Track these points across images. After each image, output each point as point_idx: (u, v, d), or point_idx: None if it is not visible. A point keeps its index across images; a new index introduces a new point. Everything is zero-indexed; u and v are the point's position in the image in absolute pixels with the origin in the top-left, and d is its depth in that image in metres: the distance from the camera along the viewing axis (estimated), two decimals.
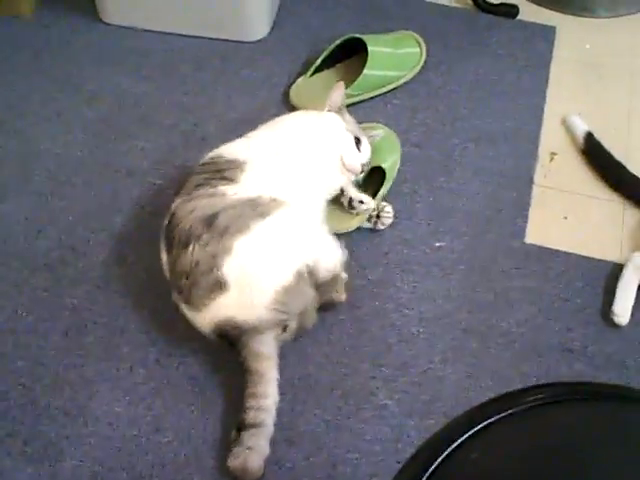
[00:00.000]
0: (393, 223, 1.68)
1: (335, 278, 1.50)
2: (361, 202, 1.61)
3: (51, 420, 1.43)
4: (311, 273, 1.43)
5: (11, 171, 1.79)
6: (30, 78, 1.97)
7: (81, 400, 1.46)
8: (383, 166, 1.68)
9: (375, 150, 1.69)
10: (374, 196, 1.65)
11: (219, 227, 1.39)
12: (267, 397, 1.37)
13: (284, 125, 1.63)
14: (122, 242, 1.66)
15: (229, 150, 1.54)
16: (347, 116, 1.66)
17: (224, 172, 1.48)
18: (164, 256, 1.45)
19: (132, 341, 1.53)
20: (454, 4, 2.14)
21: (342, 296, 1.53)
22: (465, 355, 1.52)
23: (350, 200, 1.61)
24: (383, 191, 1.68)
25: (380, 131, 1.75)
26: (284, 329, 1.43)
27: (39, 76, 1.97)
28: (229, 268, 1.37)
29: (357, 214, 1.63)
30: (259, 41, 2.03)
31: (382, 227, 1.67)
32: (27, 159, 1.80)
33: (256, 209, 1.42)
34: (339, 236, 1.56)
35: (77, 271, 1.62)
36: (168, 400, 1.46)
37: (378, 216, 1.66)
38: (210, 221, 1.40)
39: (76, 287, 1.60)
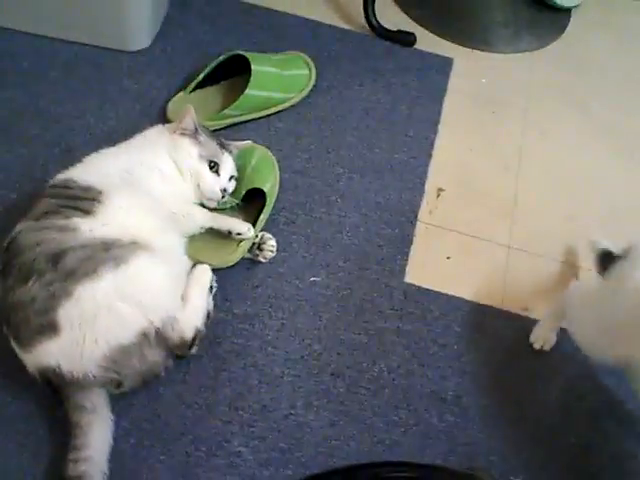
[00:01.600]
0: None
1: (185, 344, 1.35)
2: (238, 234, 1.50)
3: None
4: (160, 335, 1.30)
5: None
6: None
7: None
8: (264, 189, 1.58)
9: (253, 172, 1.59)
10: (254, 222, 1.55)
11: (65, 268, 1.25)
12: (88, 448, 1.23)
13: (134, 147, 1.51)
14: None
15: (83, 175, 1.40)
16: (202, 138, 1.53)
17: (79, 201, 1.35)
18: (1, 283, 1.30)
19: None
20: (351, 28, 2.05)
21: (192, 351, 1.38)
22: (331, 401, 1.41)
23: (229, 232, 1.50)
24: (264, 216, 1.58)
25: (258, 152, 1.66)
26: (117, 385, 1.30)
27: None
28: (65, 313, 1.23)
29: (238, 244, 1.52)
30: (139, 51, 1.91)
31: (263, 260, 1.56)
32: None
33: (109, 252, 1.29)
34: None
35: None
36: None
37: (260, 248, 1.55)
38: (56, 259, 1.26)
39: None
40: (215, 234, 1.52)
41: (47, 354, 1.24)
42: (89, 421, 1.25)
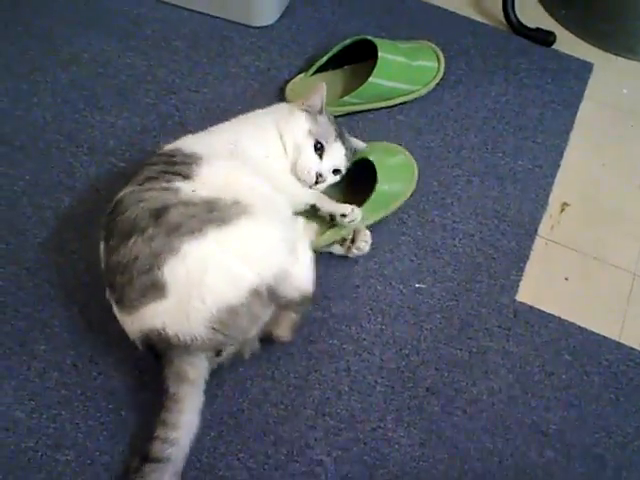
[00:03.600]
0: (371, 254, 1.49)
1: (305, 299, 1.31)
2: (343, 215, 1.42)
3: None
4: (271, 291, 1.23)
5: None
6: (5, 29, 1.79)
7: None
8: (377, 187, 1.48)
9: (386, 171, 1.50)
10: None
11: (168, 223, 1.20)
12: (178, 428, 1.18)
13: (244, 120, 1.46)
14: (66, 225, 1.49)
15: (188, 143, 1.37)
16: (322, 119, 1.46)
17: (180, 166, 1.31)
18: (102, 246, 1.27)
19: (52, 339, 1.36)
20: (487, 21, 1.93)
21: (287, 335, 1.33)
22: (423, 418, 1.32)
23: (331, 217, 1.43)
24: (365, 212, 1.47)
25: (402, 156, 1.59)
26: (218, 353, 1.25)
27: (16, 28, 1.80)
28: (171, 271, 1.18)
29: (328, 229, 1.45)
30: (265, 27, 1.85)
31: (357, 253, 1.47)
32: None
33: (213, 212, 1.23)
34: None
35: (9, 249, 1.45)
36: (77, 414, 1.29)
37: (353, 241, 1.46)
38: (159, 214, 1.21)
39: (4, 267, 1.43)
40: (312, 217, 1.46)
41: (152, 315, 1.19)
42: (187, 394, 1.20)
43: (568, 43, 1.91)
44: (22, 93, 1.67)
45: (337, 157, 1.46)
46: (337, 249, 1.47)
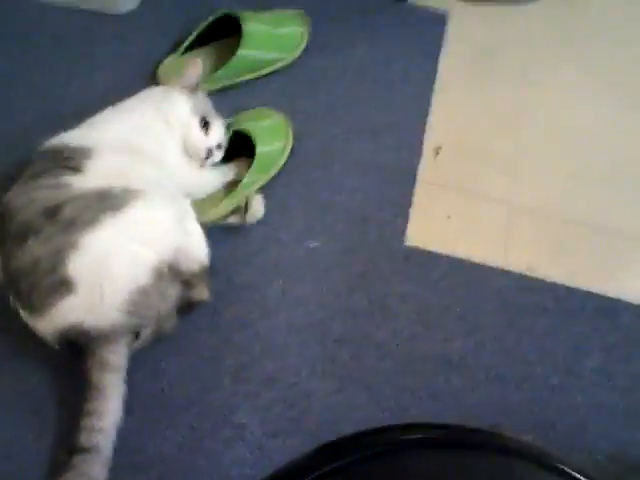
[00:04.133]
0: (263, 220, 1.53)
1: (203, 269, 1.35)
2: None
3: None
4: (173, 268, 1.28)
5: None
6: None
7: None
8: (257, 150, 1.54)
9: (261, 130, 1.56)
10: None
11: (63, 219, 1.22)
12: (104, 416, 1.21)
13: (127, 106, 1.48)
14: None
15: (73, 137, 1.38)
16: (200, 95, 1.52)
17: (68, 161, 1.32)
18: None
19: None
20: None
21: (204, 293, 1.36)
22: (336, 368, 1.39)
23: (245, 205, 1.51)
24: (248, 180, 1.53)
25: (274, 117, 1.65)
26: (136, 336, 1.28)
27: None
28: (76, 266, 1.20)
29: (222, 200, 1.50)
30: (127, 14, 1.85)
31: (252, 220, 1.52)
32: None
33: (106, 201, 1.25)
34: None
35: None
36: None
37: (246, 208, 1.51)
38: (53, 213, 1.22)
39: None
40: None
41: (67, 313, 1.21)
42: (110, 382, 1.23)
43: None
44: None
45: (220, 132, 1.51)
46: (233, 219, 1.52)
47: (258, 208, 1.52)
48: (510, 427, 1.32)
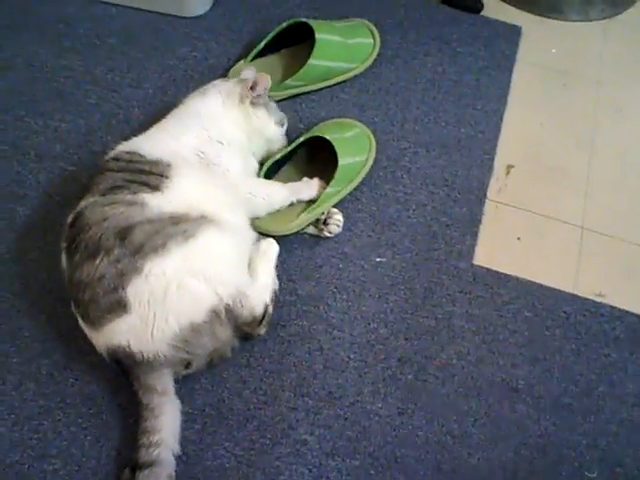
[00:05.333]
0: None
1: (256, 320, 1.32)
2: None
3: None
4: (231, 313, 1.26)
5: None
6: None
7: None
8: (340, 163, 1.51)
9: (344, 146, 1.54)
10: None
11: (133, 243, 1.21)
12: (159, 431, 1.20)
13: (198, 116, 1.45)
14: (23, 235, 1.47)
15: (148, 147, 1.36)
16: (271, 103, 1.54)
17: (148, 176, 1.30)
18: (64, 259, 1.27)
19: (24, 350, 1.35)
20: None
21: (261, 330, 1.35)
22: (398, 388, 1.36)
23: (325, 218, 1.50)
24: (332, 190, 1.51)
25: (357, 129, 1.63)
26: (186, 366, 1.27)
27: None
28: (135, 290, 1.20)
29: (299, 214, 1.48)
30: (199, 17, 1.84)
31: (329, 235, 1.50)
32: None
33: (178, 226, 1.25)
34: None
35: None
36: (59, 422, 1.29)
37: (325, 222, 1.49)
38: (124, 234, 1.22)
39: None
40: None
41: (117, 333, 1.21)
42: (160, 403, 1.22)
43: (496, 9, 1.96)
44: None
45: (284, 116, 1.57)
46: (311, 229, 1.50)
47: (335, 226, 1.50)
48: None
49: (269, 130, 1.50)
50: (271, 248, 1.40)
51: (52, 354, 1.34)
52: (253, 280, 1.33)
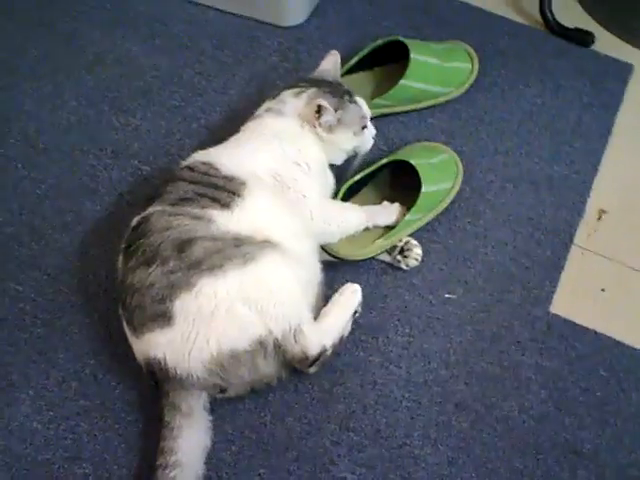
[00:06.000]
0: None
1: (308, 360, 1.23)
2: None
3: None
4: (279, 347, 1.20)
5: None
6: (29, 30, 1.77)
7: None
8: (423, 190, 1.44)
9: (429, 172, 1.47)
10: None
11: (190, 258, 1.18)
12: (176, 452, 1.16)
13: (281, 138, 1.37)
14: (88, 230, 1.47)
15: (225, 162, 1.31)
16: (346, 116, 1.40)
17: (218, 192, 1.26)
18: (121, 260, 1.25)
19: (72, 347, 1.34)
20: (523, 21, 1.86)
21: (311, 370, 1.27)
22: (451, 435, 1.28)
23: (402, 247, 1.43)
24: (412, 217, 1.44)
25: (445, 155, 1.56)
26: (222, 391, 1.22)
27: (40, 29, 1.77)
28: (182, 305, 1.16)
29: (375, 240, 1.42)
30: (294, 27, 1.80)
31: (405, 268, 1.44)
32: (6, 118, 1.62)
33: (240, 248, 1.20)
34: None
35: (30, 254, 1.44)
36: (95, 425, 1.27)
37: (403, 254, 1.43)
38: (183, 247, 1.18)
39: (24, 272, 1.41)
40: None
41: (156, 344, 1.18)
42: (180, 424, 1.18)
43: (607, 44, 1.83)
44: (46, 95, 1.65)
45: (367, 111, 1.44)
46: (383, 256, 1.44)
47: (414, 260, 1.43)
48: None
49: (350, 144, 1.42)
50: (354, 296, 1.32)
51: (99, 355, 1.33)
52: (319, 319, 1.26)
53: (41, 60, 1.71)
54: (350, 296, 1.31)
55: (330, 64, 1.48)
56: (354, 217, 1.41)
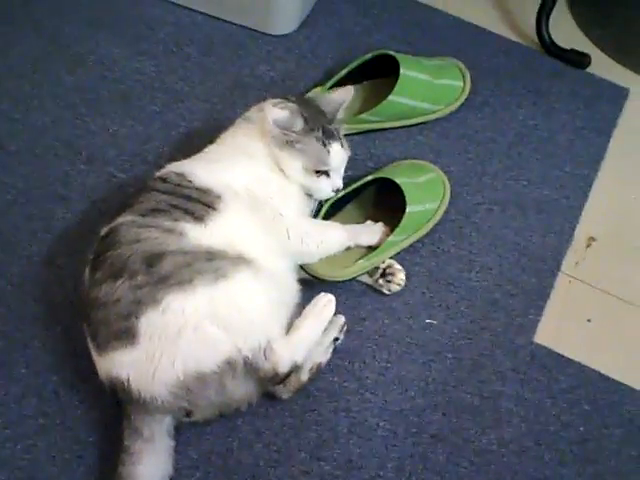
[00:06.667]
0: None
1: (278, 377, 1.18)
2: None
3: None
4: (250, 366, 1.14)
5: None
6: (12, 26, 1.71)
7: None
8: (407, 211, 1.39)
9: (415, 192, 1.41)
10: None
11: (159, 272, 1.12)
12: (135, 479, 1.11)
13: (251, 154, 1.32)
14: (57, 238, 1.42)
15: (200, 174, 1.26)
16: (300, 145, 1.31)
17: (192, 204, 1.21)
18: (87, 271, 1.19)
19: (33, 361, 1.28)
20: (519, 40, 1.82)
21: (285, 394, 1.24)
22: (427, 468, 1.23)
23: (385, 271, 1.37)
24: (396, 238, 1.39)
25: (432, 174, 1.50)
26: (187, 414, 1.16)
27: (26, 26, 1.71)
28: (147, 322, 1.10)
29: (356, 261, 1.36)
30: (283, 36, 1.75)
31: (387, 292, 1.38)
32: None
33: (211, 262, 1.15)
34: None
35: None
36: (54, 445, 1.21)
37: (386, 277, 1.37)
38: (152, 262, 1.13)
39: None
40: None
41: (119, 364, 1.12)
42: (140, 449, 1.12)
43: (603, 66, 1.79)
44: (23, 94, 1.59)
45: (340, 160, 1.35)
46: (364, 278, 1.39)
47: (399, 283, 1.38)
48: None
49: (296, 175, 1.32)
50: (328, 308, 1.26)
51: (61, 370, 1.27)
52: (291, 332, 1.20)
53: (22, 59, 1.65)
54: (323, 308, 1.25)
55: (340, 97, 1.38)
56: (335, 236, 1.36)
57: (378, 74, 1.63)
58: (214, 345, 1.11)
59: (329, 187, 1.34)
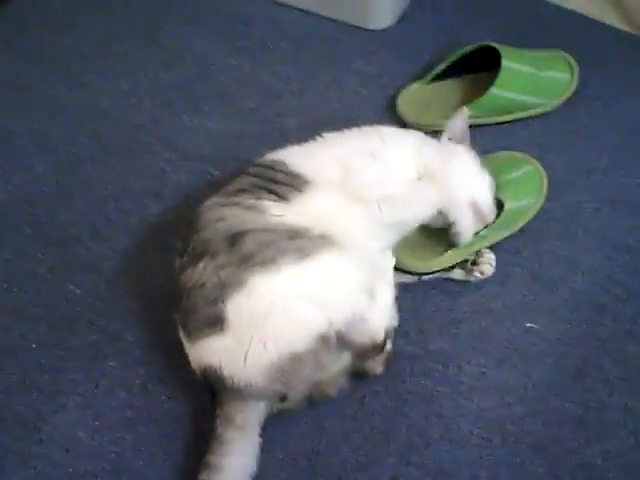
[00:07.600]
0: (478, 285, 1.33)
1: (377, 347, 1.15)
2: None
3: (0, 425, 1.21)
4: (341, 338, 1.09)
5: (58, 125, 1.58)
6: (113, 25, 1.75)
7: (43, 411, 1.23)
8: (505, 208, 1.34)
9: (510, 187, 1.37)
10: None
11: (242, 251, 1.09)
12: (221, 471, 1.08)
13: (385, 145, 1.28)
14: (152, 233, 1.42)
15: (296, 159, 1.24)
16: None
17: (279, 186, 1.19)
18: (178, 261, 1.17)
19: (123, 355, 1.28)
20: (631, 30, 1.72)
21: (378, 368, 1.20)
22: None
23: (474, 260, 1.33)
24: (488, 232, 1.33)
25: (528, 166, 1.43)
26: (282, 399, 1.12)
27: (123, 25, 1.75)
28: (234, 307, 1.07)
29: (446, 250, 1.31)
30: (381, 31, 1.71)
31: (479, 277, 1.32)
32: (80, 116, 1.59)
33: (294, 242, 1.11)
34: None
35: (90, 255, 1.39)
36: (141, 438, 1.20)
37: (474, 262, 1.32)
38: (234, 240, 1.10)
39: (83, 274, 1.37)
40: (421, 230, 1.32)
41: (211, 351, 1.09)
42: (232, 438, 1.09)
43: None
44: (122, 93, 1.61)
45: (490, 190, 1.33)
46: (458, 274, 1.33)
47: (488, 266, 1.32)
48: None
49: (460, 205, 1.31)
50: (387, 263, 1.23)
51: (151, 364, 1.26)
52: (373, 302, 1.15)
53: (122, 58, 1.68)
54: (385, 264, 1.22)
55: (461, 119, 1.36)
56: (426, 194, 1.28)
57: (479, 67, 1.57)
58: (305, 323, 1.07)
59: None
